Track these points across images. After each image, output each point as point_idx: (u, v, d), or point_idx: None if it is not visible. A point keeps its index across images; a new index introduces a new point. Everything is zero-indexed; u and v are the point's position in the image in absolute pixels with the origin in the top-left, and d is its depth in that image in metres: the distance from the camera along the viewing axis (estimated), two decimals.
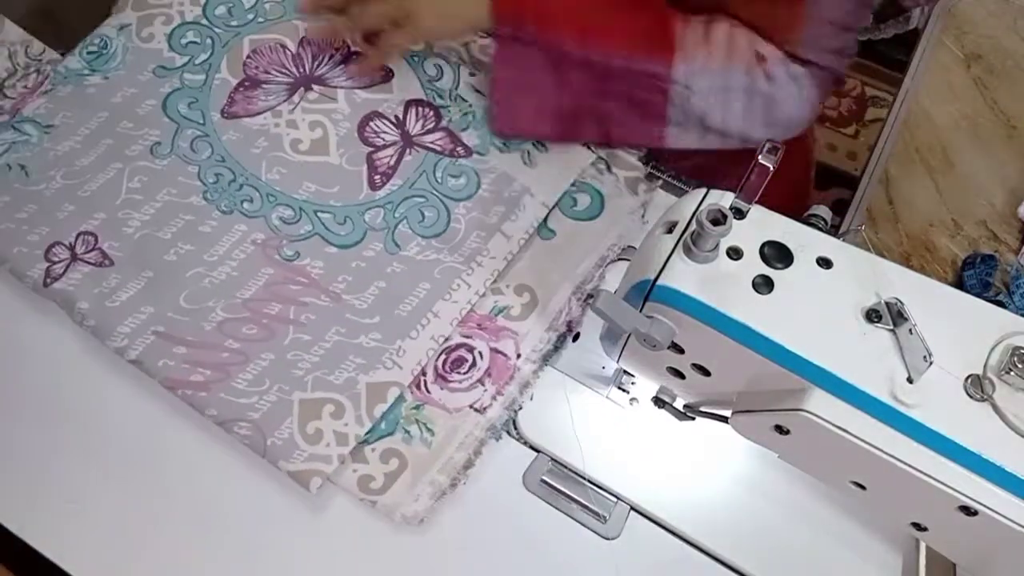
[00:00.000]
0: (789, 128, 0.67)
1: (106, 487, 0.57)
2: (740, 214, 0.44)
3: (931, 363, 0.39)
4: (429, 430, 0.58)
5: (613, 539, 0.57)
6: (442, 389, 0.60)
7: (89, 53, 0.69)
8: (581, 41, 0.63)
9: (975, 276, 1.35)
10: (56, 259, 0.60)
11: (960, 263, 1.45)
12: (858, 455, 0.41)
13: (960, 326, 0.42)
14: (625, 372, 0.62)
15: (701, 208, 0.42)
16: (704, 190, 0.47)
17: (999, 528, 0.39)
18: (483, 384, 0.60)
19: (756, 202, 0.44)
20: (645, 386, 0.61)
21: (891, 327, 0.41)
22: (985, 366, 0.41)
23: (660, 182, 0.70)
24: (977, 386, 0.40)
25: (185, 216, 0.63)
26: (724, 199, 0.45)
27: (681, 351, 0.47)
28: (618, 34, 0.63)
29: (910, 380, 0.41)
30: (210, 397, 0.57)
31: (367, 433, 0.57)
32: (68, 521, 0.56)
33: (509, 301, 0.64)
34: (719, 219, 0.40)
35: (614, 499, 0.58)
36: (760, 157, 0.41)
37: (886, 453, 0.40)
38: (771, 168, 0.41)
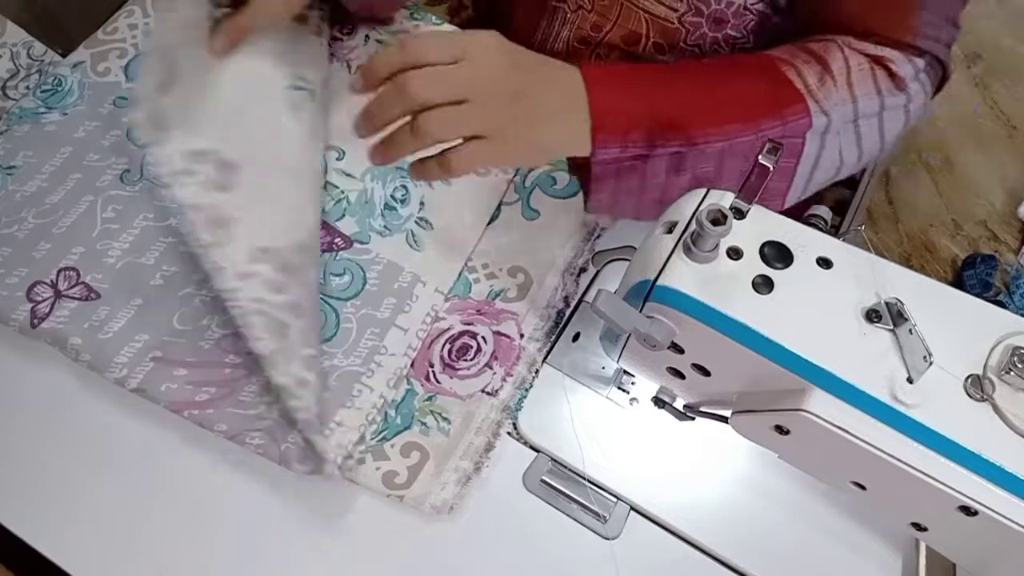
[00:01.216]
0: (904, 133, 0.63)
1: (106, 487, 0.57)
2: (740, 214, 0.45)
3: (931, 363, 0.40)
4: (445, 419, 0.59)
5: (613, 539, 0.57)
6: (451, 378, 0.61)
7: (43, 91, 0.68)
8: (703, 133, 0.55)
9: (975, 276, 1.35)
10: (40, 298, 0.59)
11: (960, 263, 1.46)
12: (858, 455, 0.41)
13: (960, 326, 0.42)
14: (625, 372, 0.62)
15: (701, 208, 0.42)
16: (704, 190, 0.47)
17: (999, 528, 0.39)
18: (491, 368, 0.61)
19: (756, 202, 0.44)
20: (645, 386, 0.62)
21: (891, 327, 0.41)
22: (985, 366, 0.41)
23: None
24: (977, 386, 0.40)
25: (165, 239, 0.63)
26: (724, 199, 0.45)
27: (681, 351, 0.47)
28: (739, 111, 0.56)
29: (910, 380, 0.41)
30: (217, 413, 0.56)
31: (383, 430, 0.58)
32: (68, 521, 0.56)
33: (504, 284, 0.64)
34: (719, 219, 0.40)
35: (614, 499, 0.58)
36: (760, 157, 0.41)
37: (886, 453, 0.40)
38: (771, 168, 0.41)
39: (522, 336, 0.63)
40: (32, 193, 0.64)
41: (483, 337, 0.62)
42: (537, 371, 0.62)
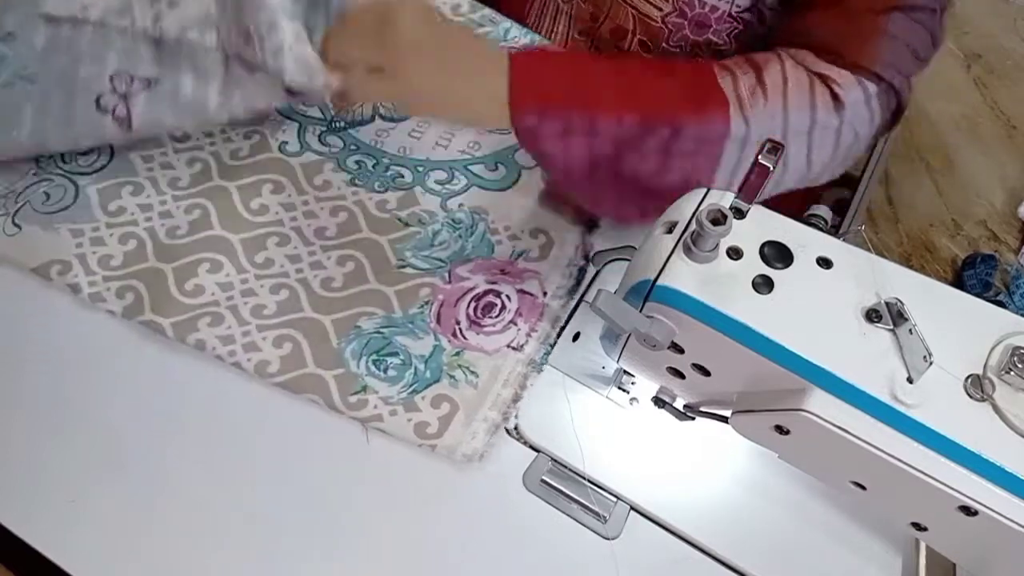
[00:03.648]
0: (851, 159, 0.61)
1: (107, 487, 0.57)
2: (740, 214, 0.45)
3: (931, 363, 0.40)
4: (473, 372, 0.61)
5: (613, 539, 0.57)
6: (478, 335, 0.63)
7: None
8: (618, 113, 0.55)
9: (975, 276, 1.35)
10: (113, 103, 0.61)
11: (960, 263, 1.46)
12: (858, 455, 0.41)
13: (960, 326, 0.42)
14: (625, 372, 0.62)
15: (701, 208, 0.42)
16: (704, 190, 0.47)
17: (999, 528, 0.39)
18: (516, 324, 0.63)
19: (756, 202, 0.44)
20: (645, 386, 0.62)
21: (891, 327, 0.41)
22: (985, 366, 0.41)
23: None
24: (977, 386, 0.40)
25: None
26: (724, 199, 0.45)
27: (681, 351, 0.47)
28: (660, 103, 0.56)
29: (910, 380, 0.41)
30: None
31: (413, 383, 0.60)
32: (68, 521, 0.56)
33: (527, 245, 0.67)
34: (719, 219, 0.40)
35: (614, 499, 0.58)
36: (760, 157, 0.41)
37: (886, 453, 0.40)
38: (771, 168, 0.41)
39: (545, 294, 0.65)
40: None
41: (507, 296, 0.64)
42: (562, 329, 0.64)
